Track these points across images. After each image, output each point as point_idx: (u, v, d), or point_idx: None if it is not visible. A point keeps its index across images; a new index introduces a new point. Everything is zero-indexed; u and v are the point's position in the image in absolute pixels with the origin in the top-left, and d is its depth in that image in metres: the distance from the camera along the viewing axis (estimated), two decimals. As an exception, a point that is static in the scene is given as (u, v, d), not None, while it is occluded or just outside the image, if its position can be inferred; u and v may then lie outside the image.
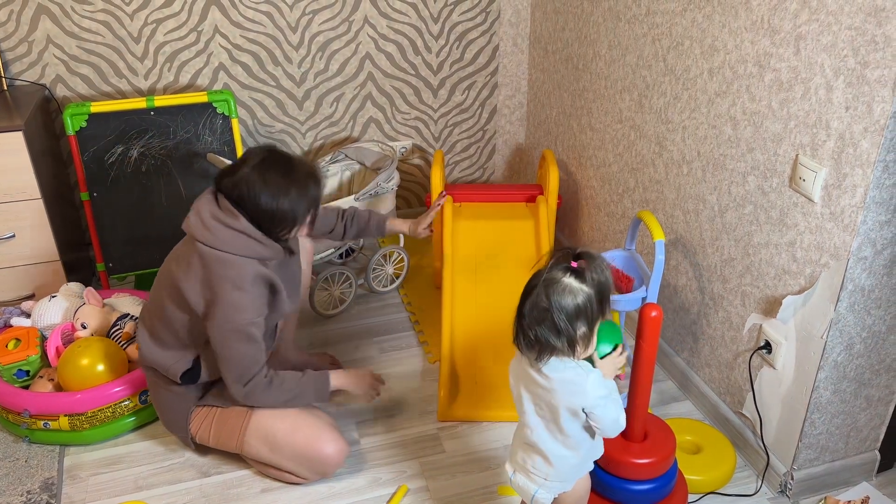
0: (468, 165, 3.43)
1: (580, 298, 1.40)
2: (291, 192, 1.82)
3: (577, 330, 1.42)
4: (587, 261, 1.43)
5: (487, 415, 2.26)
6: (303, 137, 3.11)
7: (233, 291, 1.80)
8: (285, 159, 1.86)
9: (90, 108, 2.53)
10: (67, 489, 2.04)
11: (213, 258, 1.81)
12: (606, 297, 1.44)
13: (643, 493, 1.76)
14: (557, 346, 1.43)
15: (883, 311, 1.79)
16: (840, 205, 1.69)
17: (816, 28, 1.67)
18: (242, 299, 1.81)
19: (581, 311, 1.41)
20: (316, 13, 2.89)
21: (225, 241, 1.81)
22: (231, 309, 1.80)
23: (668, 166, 2.32)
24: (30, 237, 2.48)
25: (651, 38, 2.30)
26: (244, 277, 1.81)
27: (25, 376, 2.23)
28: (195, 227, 1.83)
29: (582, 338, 1.43)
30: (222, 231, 1.81)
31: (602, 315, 1.45)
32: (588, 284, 1.41)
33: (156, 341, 1.95)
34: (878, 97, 1.54)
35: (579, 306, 1.40)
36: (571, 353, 1.45)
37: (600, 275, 1.42)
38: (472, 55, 3.17)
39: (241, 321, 1.81)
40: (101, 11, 2.68)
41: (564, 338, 1.42)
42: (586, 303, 1.41)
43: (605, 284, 1.43)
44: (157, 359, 1.95)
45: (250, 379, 1.87)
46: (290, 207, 1.83)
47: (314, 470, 1.99)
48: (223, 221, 1.81)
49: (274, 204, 1.81)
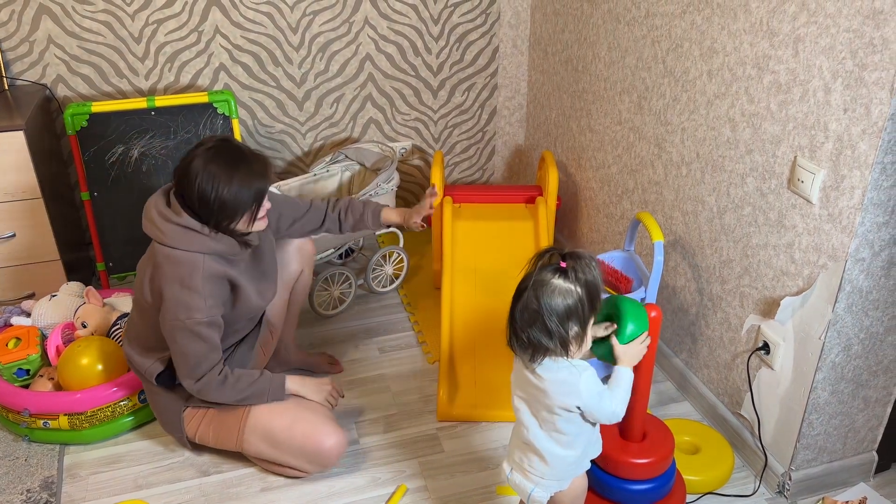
0: (468, 166, 3.44)
1: (570, 299, 1.41)
2: (233, 180, 1.76)
3: (568, 330, 1.43)
4: (574, 260, 1.43)
5: (486, 415, 2.27)
6: (303, 138, 3.12)
7: (181, 290, 1.79)
8: (234, 149, 1.80)
9: (91, 107, 2.54)
10: (67, 488, 2.05)
11: (164, 256, 1.81)
12: (597, 296, 1.44)
13: (641, 493, 1.77)
14: (550, 347, 1.44)
15: (881, 313, 1.80)
16: (838, 206, 1.69)
17: (815, 30, 1.68)
18: (192, 298, 1.79)
19: (572, 311, 1.41)
20: (316, 14, 2.90)
21: (174, 238, 1.79)
22: (179, 307, 1.79)
23: (667, 168, 2.32)
24: (30, 236, 2.48)
25: (650, 41, 2.31)
26: (194, 275, 1.79)
27: (25, 375, 2.23)
28: (147, 226, 1.84)
29: (574, 337, 1.44)
30: (169, 228, 1.79)
31: (594, 313, 1.45)
32: (577, 284, 1.41)
33: (132, 345, 2.00)
34: (876, 99, 1.55)
35: (570, 307, 1.41)
36: (565, 354, 1.45)
37: (588, 274, 1.42)
38: (472, 56, 3.18)
39: (189, 320, 1.80)
40: (102, 11, 2.69)
41: (556, 339, 1.43)
42: (577, 303, 1.41)
43: (594, 283, 1.43)
44: (135, 363, 2.00)
45: (202, 376, 1.87)
46: (229, 196, 1.77)
47: (315, 463, 1.99)
48: (167, 217, 1.80)
49: (211, 192, 1.75)
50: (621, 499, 1.78)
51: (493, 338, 2.47)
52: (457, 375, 2.37)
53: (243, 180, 1.78)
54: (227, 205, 1.78)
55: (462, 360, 2.40)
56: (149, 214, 1.84)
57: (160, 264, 1.82)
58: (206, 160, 1.76)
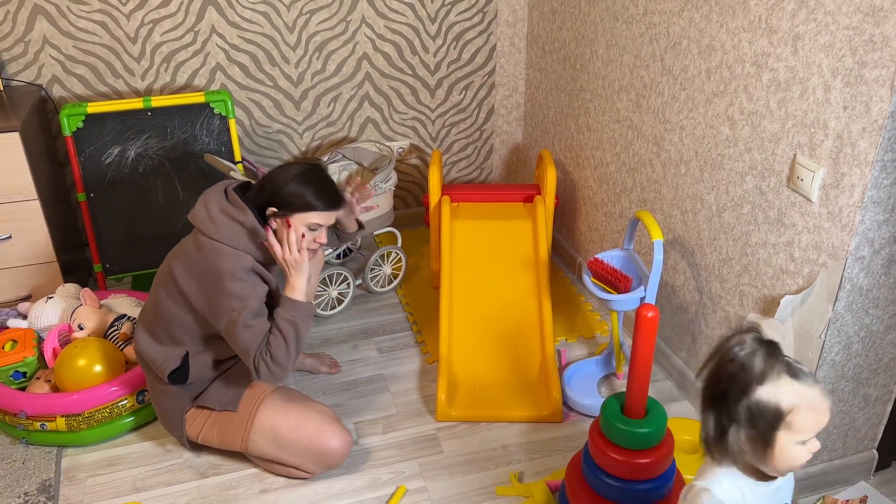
0: (466, 165, 3.43)
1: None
2: (313, 192, 1.86)
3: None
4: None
5: (486, 415, 2.26)
6: (300, 138, 3.11)
7: (233, 281, 1.82)
8: (326, 175, 1.93)
9: (87, 108, 2.53)
10: (65, 491, 2.04)
11: (212, 249, 1.83)
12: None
13: (642, 493, 1.76)
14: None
15: (881, 311, 1.80)
16: (838, 204, 1.69)
17: (814, 28, 1.67)
18: (242, 288, 1.83)
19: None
20: (313, 13, 2.89)
21: (225, 234, 1.83)
22: (233, 298, 1.82)
23: (665, 166, 2.32)
24: (26, 238, 2.47)
25: (648, 38, 2.30)
26: (239, 267, 1.83)
27: (22, 378, 2.22)
28: (201, 218, 1.86)
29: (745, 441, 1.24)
30: (227, 224, 1.84)
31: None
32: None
33: (151, 335, 1.98)
34: (875, 97, 1.54)
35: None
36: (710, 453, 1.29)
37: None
38: (469, 55, 3.17)
39: (242, 309, 1.82)
40: (97, 12, 2.68)
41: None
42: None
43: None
44: (150, 353, 1.97)
45: (259, 365, 1.84)
46: (301, 201, 1.85)
47: (320, 464, 2.00)
48: (230, 214, 1.84)
49: (293, 188, 1.84)
50: (622, 498, 1.77)
51: (492, 337, 2.46)
52: (456, 375, 2.36)
53: (320, 196, 1.86)
54: (296, 200, 1.84)
55: (461, 360, 2.40)
56: (208, 208, 1.86)
57: (208, 258, 1.83)
58: (299, 170, 1.87)
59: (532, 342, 2.44)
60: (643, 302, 2.14)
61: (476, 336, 2.46)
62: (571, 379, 2.38)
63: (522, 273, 2.59)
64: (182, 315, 1.90)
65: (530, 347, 2.43)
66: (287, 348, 1.83)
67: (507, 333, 2.47)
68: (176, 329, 1.93)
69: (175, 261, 1.90)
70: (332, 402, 2.34)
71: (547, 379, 2.31)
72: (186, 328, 1.92)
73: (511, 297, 2.54)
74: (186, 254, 1.88)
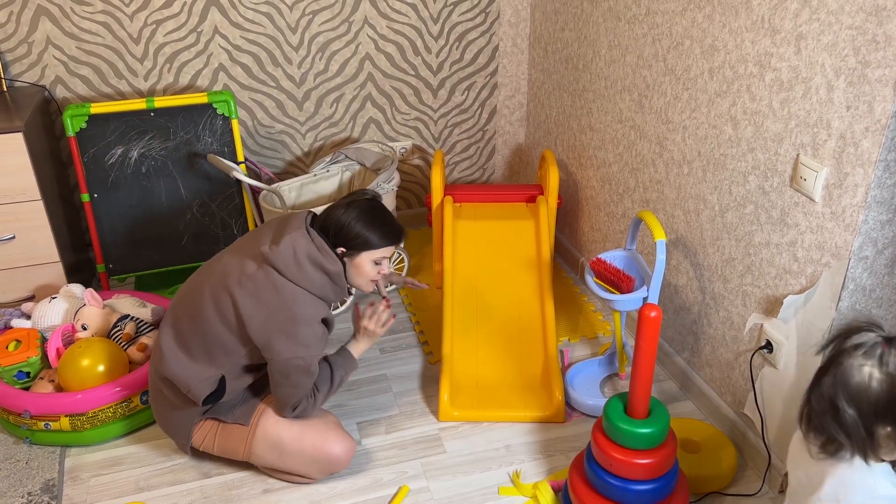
0: (468, 166, 3.43)
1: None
2: (377, 230, 1.91)
3: (875, 430, 1.22)
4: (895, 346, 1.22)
5: (489, 415, 2.26)
6: (303, 138, 3.11)
7: (307, 328, 1.84)
8: (385, 210, 1.98)
9: (90, 109, 2.53)
10: (68, 490, 2.04)
11: (292, 293, 1.83)
12: None
13: (644, 493, 1.76)
14: (846, 443, 1.24)
15: (884, 311, 1.79)
16: (841, 204, 1.69)
17: (817, 27, 1.67)
18: (314, 336, 1.86)
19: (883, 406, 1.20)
20: (316, 14, 2.89)
21: (312, 283, 1.85)
22: (299, 346, 1.84)
23: (668, 166, 2.32)
24: (30, 238, 2.47)
25: (651, 38, 2.30)
26: (314, 316, 1.86)
27: (26, 378, 2.22)
28: (285, 262, 1.83)
29: (887, 438, 1.21)
30: (314, 273, 1.85)
31: None
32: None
33: (184, 350, 1.90)
34: (879, 96, 1.54)
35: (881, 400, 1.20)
36: (863, 456, 1.24)
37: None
38: (471, 55, 3.17)
39: (309, 357, 1.85)
40: (100, 13, 2.68)
41: (856, 437, 1.22)
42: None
43: None
44: (181, 373, 1.88)
45: (299, 404, 1.94)
46: (370, 238, 1.90)
47: (324, 471, 2.00)
48: (319, 263, 1.85)
49: (359, 230, 1.88)
50: (624, 499, 1.77)
51: (495, 337, 2.46)
52: (458, 375, 2.36)
53: (385, 235, 1.92)
54: (362, 245, 1.89)
55: (463, 360, 2.40)
56: (296, 253, 1.84)
57: (286, 301, 1.83)
58: (360, 209, 1.91)
59: (535, 342, 2.44)
60: (646, 302, 2.14)
61: (479, 336, 2.46)
62: (574, 379, 2.38)
63: (525, 273, 2.59)
64: (231, 342, 1.87)
65: (533, 347, 2.43)
66: (328, 393, 1.98)
67: (510, 333, 2.47)
68: (217, 350, 1.88)
69: (238, 288, 1.83)
70: (335, 402, 2.34)
71: (550, 379, 2.31)
72: (230, 352, 1.88)
73: (514, 298, 2.55)
74: (256, 288, 1.83)
